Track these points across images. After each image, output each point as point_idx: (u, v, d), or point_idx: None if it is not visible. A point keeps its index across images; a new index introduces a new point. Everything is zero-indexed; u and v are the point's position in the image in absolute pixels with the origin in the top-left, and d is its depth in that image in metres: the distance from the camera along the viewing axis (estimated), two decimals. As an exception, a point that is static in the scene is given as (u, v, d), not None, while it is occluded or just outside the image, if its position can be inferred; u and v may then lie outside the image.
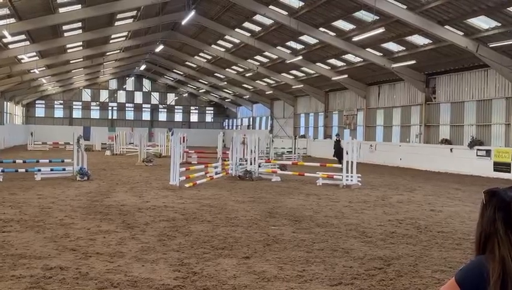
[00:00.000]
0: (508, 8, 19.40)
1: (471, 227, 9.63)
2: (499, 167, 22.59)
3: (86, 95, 62.74)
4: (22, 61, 35.40)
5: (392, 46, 27.52)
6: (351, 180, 16.82)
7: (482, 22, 21.57)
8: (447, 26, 22.36)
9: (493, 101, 25.26)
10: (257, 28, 31.65)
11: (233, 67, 44.36)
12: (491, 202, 1.75)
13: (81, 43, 35.03)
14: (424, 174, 23.57)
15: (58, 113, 61.85)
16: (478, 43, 22.38)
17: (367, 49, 28.52)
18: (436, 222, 10.37)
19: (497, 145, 24.16)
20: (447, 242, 8.34)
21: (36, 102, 60.46)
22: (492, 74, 24.81)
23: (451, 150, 26.08)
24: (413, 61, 26.98)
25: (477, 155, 24.05)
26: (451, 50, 24.59)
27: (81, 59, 41.00)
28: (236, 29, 32.95)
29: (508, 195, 1.72)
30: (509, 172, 21.89)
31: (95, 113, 63.19)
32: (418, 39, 25.52)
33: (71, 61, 41.27)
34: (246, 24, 31.62)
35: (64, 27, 29.40)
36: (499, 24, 20.78)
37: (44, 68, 40.35)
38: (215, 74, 49.34)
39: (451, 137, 27.93)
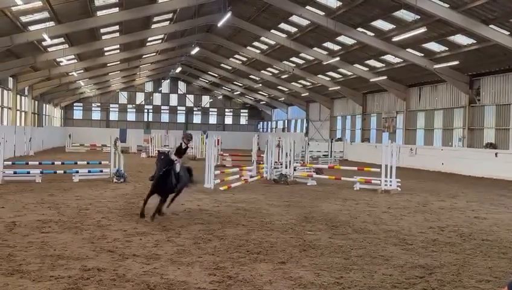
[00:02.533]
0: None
1: None
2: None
3: (123, 97, 63.87)
4: (61, 64, 36.29)
5: (433, 46, 26.64)
6: (390, 185, 16.38)
7: (531, 20, 20.54)
8: (491, 26, 21.50)
9: (542, 104, 24.04)
10: (293, 29, 31.28)
11: (269, 69, 44.14)
12: None
13: (118, 46, 35.60)
14: (468, 180, 22.71)
15: (96, 115, 63.22)
16: (526, 42, 21.34)
17: (407, 50, 27.72)
18: (480, 229, 10.10)
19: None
20: (492, 251, 8.08)
21: (74, 104, 62.05)
22: (541, 75, 23.61)
23: (496, 154, 24.97)
24: (456, 62, 26.03)
25: (524, 160, 22.89)
26: (496, 50, 23.57)
27: (118, 62, 41.73)
28: (272, 31, 32.71)
29: None
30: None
31: (131, 116, 64.26)
32: (461, 39, 24.60)
33: (108, 64, 42.06)
34: (282, 25, 31.33)
35: (102, 30, 29.91)
36: (548, 22, 19.73)
37: (82, 71, 41.27)
38: (250, 76, 49.27)
39: (496, 141, 26.82)
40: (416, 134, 34.45)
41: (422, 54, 27.85)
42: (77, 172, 17.63)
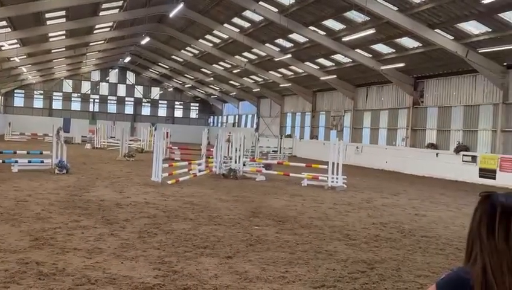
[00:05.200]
0: (498, 14, 19.32)
1: (455, 232, 9.83)
2: (484, 173, 22.55)
3: (67, 85, 61.48)
4: (2, 48, 34.41)
5: (381, 47, 27.36)
6: (336, 182, 16.70)
7: (472, 27, 21.55)
8: (437, 30, 22.29)
9: (480, 107, 25.26)
10: (246, 24, 31.23)
11: (221, 63, 43.89)
12: (480, 205, 1.66)
13: (64, 32, 34.27)
14: (409, 178, 23.51)
15: (38, 103, 60.52)
16: (467, 48, 22.34)
17: (356, 50, 28.33)
18: (420, 226, 10.42)
19: (483, 152, 24.14)
20: (430, 247, 8.33)
21: (15, 91, 59.04)
22: (481, 80, 24.80)
23: (437, 154, 26.03)
24: (402, 64, 26.86)
25: (462, 161, 24.01)
26: (440, 54, 24.50)
27: (64, 49, 40.19)
28: (225, 25, 32.51)
29: (498, 200, 1.62)
30: (495, 179, 21.86)
31: (75, 105, 61.98)
32: (407, 42, 25.41)
33: (53, 51, 40.40)
34: (235, 20, 31.20)
35: (47, 15, 28.67)
36: (489, 29, 20.75)
37: (25, 56, 39.44)
38: (202, 69, 48.81)
39: (438, 142, 27.92)
40: (362, 133, 35.34)
41: (371, 55, 28.56)
42: (16, 162, 17.05)
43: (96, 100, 62.52)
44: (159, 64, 54.58)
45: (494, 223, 1.62)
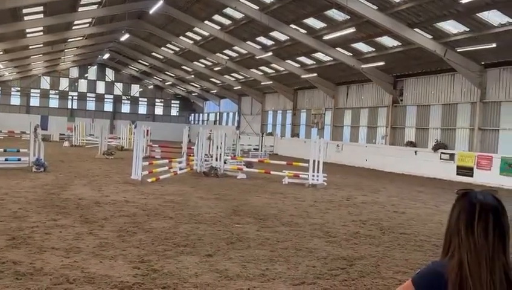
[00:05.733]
0: (476, 14, 19.62)
1: (433, 229, 9.97)
2: (461, 170, 22.92)
3: (45, 82, 60.40)
4: (-23, 44, 33.64)
5: (361, 46, 27.56)
6: (317, 179, 16.79)
7: (451, 27, 21.84)
8: (416, 29, 22.53)
9: (458, 106, 25.66)
10: (227, 22, 31.14)
11: (202, 60, 43.66)
12: (458, 202, 1.73)
13: (41, 28, 33.66)
14: (389, 176, 23.75)
15: (15, 100, 59.29)
16: (446, 47, 22.65)
17: (337, 49, 28.48)
18: (398, 223, 10.54)
19: (460, 150, 24.53)
20: (408, 244, 8.43)
21: (-9, 88, 57.78)
22: (459, 79, 25.18)
23: (415, 152, 26.36)
24: (382, 63, 27.11)
25: (440, 158, 24.35)
26: (419, 53, 24.78)
27: (41, 45, 39.46)
28: (206, 22, 32.36)
29: (476, 198, 1.70)
30: (472, 176, 22.23)
31: (53, 102, 60.94)
32: (387, 41, 25.64)
33: (30, 47, 39.62)
34: (216, 17, 31.07)
35: (25, 10, 28.14)
36: (467, 29, 21.05)
37: (1, 52, 38.60)
38: (182, 67, 48.49)
39: (416, 140, 28.26)
40: (343, 131, 35.58)
41: (351, 54, 28.73)
42: (-8, 160, 16.61)
43: (74, 97, 61.56)
44: (139, 61, 54.04)
45: (473, 220, 1.67)
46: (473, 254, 1.66)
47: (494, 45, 20.18)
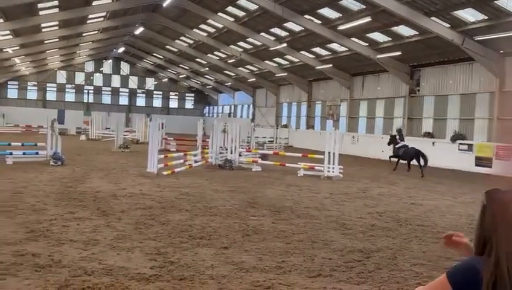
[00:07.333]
0: (495, 1, 19.19)
1: (451, 221, 9.90)
2: (480, 161, 22.57)
3: (61, 77, 60.94)
4: (-6, 39, 34.04)
5: (377, 36, 27.19)
6: (333, 171, 16.69)
7: (469, 15, 21.41)
8: (433, 18, 22.14)
9: (477, 95, 25.20)
10: (241, 13, 30.96)
11: (216, 52, 43.57)
12: (491, 203, 1.73)
13: (57, 23, 33.89)
14: (406, 167, 23.39)
15: (32, 95, 59.96)
16: (464, 36, 22.22)
17: (352, 39, 28.14)
18: (416, 215, 10.44)
19: (479, 140, 24.13)
20: (426, 236, 8.36)
21: (8, 83, 58.37)
22: (477, 68, 24.70)
23: (433, 143, 26.00)
24: (398, 53, 26.74)
25: (459, 149, 24.02)
26: (436, 42, 24.36)
27: (57, 39, 39.74)
28: (220, 14, 32.20)
29: (508, 197, 1.70)
30: (491, 167, 21.85)
31: (69, 96, 61.48)
32: (404, 30, 25.25)
33: (46, 41, 39.94)
34: (230, 8, 30.90)
35: (40, 5, 28.35)
36: (486, 17, 20.63)
37: (17, 47, 38.97)
38: (197, 59, 48.47)
39: (434, 130, 27.90)
40: (358, 122, 35.27)
41: (367, 44, 28.38)
42: (11, 154, 16.90)
43: (90, 91, 62.03)
44: (154, 54, 54.17)
45: (508, 219, 1.67)
46: (511, 255, 1.65)
47: (513, 33, 19.74)
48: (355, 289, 5.50)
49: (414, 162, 19.59)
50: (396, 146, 20.52)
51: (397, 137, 20.94)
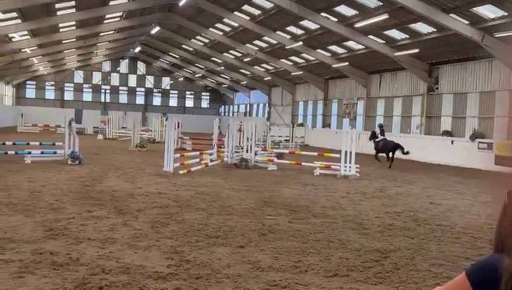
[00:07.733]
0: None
1: (470, 221, 9.68)
2: (500, 160, 22.13)
3: (78, 76, 61.67)
4: (13, 40, 34.52)
5: (395, 33, 26.90)
6: (349, 170, 16.53)
7: (488, 11, 21.05)
8: (452, 15, 21.80)
9: (497, 93, 24.76)
10: (257, 12, 30.91)
11: (231, 51, 43.61)
12: None
13: (74, 23, 34.25)
14: (424, 166, 23.23)
15: (49, 94, 60.80)
16: (483, 32, 21.82)
17: (369, 36, 27.88)
18: (434, 215, 10.26)
19: (499, 139, 23.69)
20: (445, 236, 8.23)
21: (27, 83, 59.34)
22: (497, 65, 24.26)
23: (452, 142, 25.63)
24: (416, 50, 26.41)
25: (478, 148, 23.61)
26: (455, 39, 24.00)
27: (74, 39, 40.19)
28: (235, 12, 32.20)
29: None
30: (511, 166, 21.42)
31: (87, 96, 62.21)
32: (421, 27, 24.93)
33: (63, 41, 40.43)
34: (245, 7, 30.87)
35: (57, 5, 28.68)
36: (506, 13, 20.24)
37: (35, 48, 39.51)
38: (212, 58, 48.58)
39: (453, 129, 27.51)
40: (375, 121, 34.89)
41: (384, 41, 28.10)
42: (29, 153, 17.04)
43: (107, 91, 62.67)
44: (169, 54, 54.46)
45: None
46: None
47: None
48: (373, 289, 5.42)
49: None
50: (376, 140, 21.68)
51: (378, 132, 21.87)
